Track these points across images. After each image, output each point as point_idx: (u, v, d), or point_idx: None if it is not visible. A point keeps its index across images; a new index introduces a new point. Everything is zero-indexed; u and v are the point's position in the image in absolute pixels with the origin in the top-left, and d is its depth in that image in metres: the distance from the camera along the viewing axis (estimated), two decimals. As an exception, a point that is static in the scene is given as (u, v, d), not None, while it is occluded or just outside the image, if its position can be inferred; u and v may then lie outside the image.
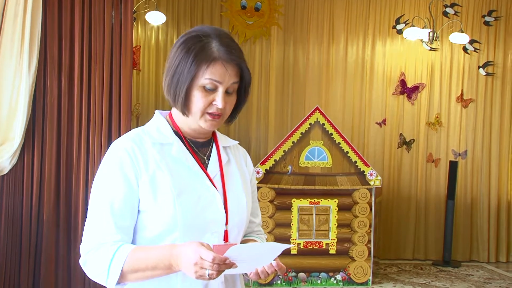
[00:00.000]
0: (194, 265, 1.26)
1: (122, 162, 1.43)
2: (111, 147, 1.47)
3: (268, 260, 1.39)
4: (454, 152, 6.40)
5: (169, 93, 1.46)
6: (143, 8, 5.68)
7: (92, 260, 1.40)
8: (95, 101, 4.06)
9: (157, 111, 1.57)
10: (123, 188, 1.41)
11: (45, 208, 3.91)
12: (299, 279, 4.93)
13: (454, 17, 6.31)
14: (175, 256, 1.31)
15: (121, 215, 1.41)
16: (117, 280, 1.36)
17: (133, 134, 1.50)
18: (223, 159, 1.56)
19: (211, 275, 1.25)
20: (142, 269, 1.35)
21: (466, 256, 6.35)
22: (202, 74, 1.41)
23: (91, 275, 1.42)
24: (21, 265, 3.86)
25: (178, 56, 1.44)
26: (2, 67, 3.74)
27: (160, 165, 1.44)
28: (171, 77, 1.45)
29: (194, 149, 1.53)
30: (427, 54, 6.36)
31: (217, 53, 1.42)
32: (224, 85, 1.43)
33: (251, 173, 1.67)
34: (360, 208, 4.99)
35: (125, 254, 1.35)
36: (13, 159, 3.76)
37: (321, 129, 5.03)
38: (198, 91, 1.43)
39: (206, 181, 1.48)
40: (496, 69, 6.38)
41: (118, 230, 1.40)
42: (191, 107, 1.44)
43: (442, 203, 6.31)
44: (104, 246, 1.39)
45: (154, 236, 1.43)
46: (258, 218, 1.70)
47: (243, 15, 6.33)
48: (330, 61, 6.41)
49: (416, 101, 6.40)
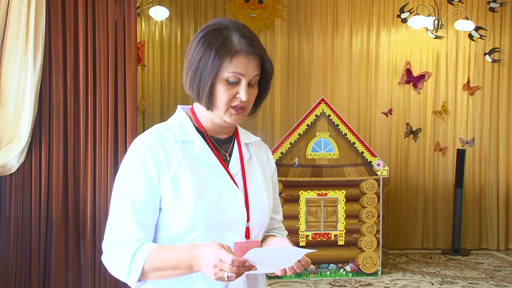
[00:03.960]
0: (213, 267, 1.27)
1: (144, 160, 1.42)
2: (133, 144, 1.47)
3: (289, 263, 1.37)
4: (462, 140, 6.37)
5: (192, 88, 1.45)
6: (147, 3, 5.67)
7: (114, 258, 1.41)
8: (100, 97, 4.06)
9: (179, 107, 1.56)
10: (144, 186, 1.41)
11: (54, 206, 3.92)
12: (308, 270, 4.94)
13: (459, 4, 6.26)
14: (196, 256, 1.32)
15: (143, 212, 1.41)
16: (138, 278, 1.37)
17: (155, 131, 1.49)
18: (245, 156, 1.55)
19: (230, 277, 1.26)
20: (163, 268, 1.36)
21: (475, 244, 6.34)
22: (225, 68, 1.41)
23: (113, 272, 1.43)
24: (31, 264, 3.88)
25: (200, 50, 1.43)
26: (8, 65, 3.75)
27: (182, 163, 1.44)
28: (193, 72, 1.44)
29: (216, 146, 1.52)
30: (432, 43, 6.32)
31: (239, 46, 1.41)
32: (247, 77, 1.42)
33: (273, 170, 1.66)
34: (368, 198, 4.99)
35: (147, 253, 1.36)
36: (21, 157, 3.77)
37: (327, 121, 5.02)
38: (221, 85, 1.42)
39: (228, 179, 1.48)
40: (503, 55, 6.34)
41: (139, 228, 1.41)
42: (216, 101, 1.43)
43: (451, 192, 6.29)
44: (126, 244, 1.39)
45: (175, 234, 1.43)
46: (279, 215, 1.69)
47: (247, 8, 6.31)
48: (335, 52, 6.38)
49: (422, 90, 6.37)
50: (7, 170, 3.72)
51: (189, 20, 6.20)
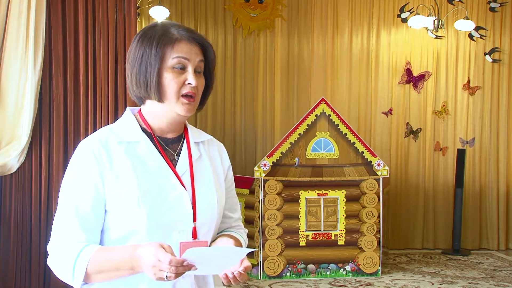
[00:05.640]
0: (152, 268, 1.27)
1: (87, 164, 1.42)
2: (78, 149, 1.47)
3: (232, 263, 1.36)
4: (462, 140, 6.36)
5: (139, 83, 1.46)
6: (147, 3, 5.67)
7: (58, 260, 1.41)
8: (100, 97, 4.06)
9: (128, 108, 1.57)
10: (88, 190, 1.42)
11: (54, 206, 3.92)
12: (308, 271, 4.94)
13: (459, 4, 6.26)
14: (136, 258, 1.32)
15: (86, 216, 1.41)
16: (82, 280, 1.37)
17: (100, 133, 1.49)
18: (194, 155, 1.53)
19: (169, 277, 1.26)
20: (106, 270, 1.36)
21: (475, 244, 6.33)
22: (169, 55, 1.43)
23: (58, 274, 1.43)
24: (31, 264, 3.88)
25: (140, 48, 1.46)
26: (8, 65, 3.75)
27: (125, 164, 1.43)
28: (138, 67, 1.45)
29: (163, 146, 1.51)
30: (432, 42, 6.32)
31: (179, 34, 1.45)
32: (192, 62, 1.45)
33: (227, 168, 1.65)
34: (368, 198, 4.99)
35: (89, 255, 1.36)
36: (21, 157, 3.77)
37: (327, 120, 5.02)
38: (168, 73, 1.44)
39: (173, 180, 1.47)
40: (503, 55, 6.33)
41: (83, 231, 1.41)
42: (165, 91, 1.44)
43: (451, 192, 6.29)
44: (69, 246, 1.39)
45: (121, 236, 1.43)
46: (236, 213, 1.68)
47: (247, 8, 6.31)
48: (335, 51, 6.38)
49: (423, 90, 6.37)
50: (7, 170, 3.73)
51: (189, 20, 6.20)
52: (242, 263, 1.36)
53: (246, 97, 6.35)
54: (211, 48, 1.51)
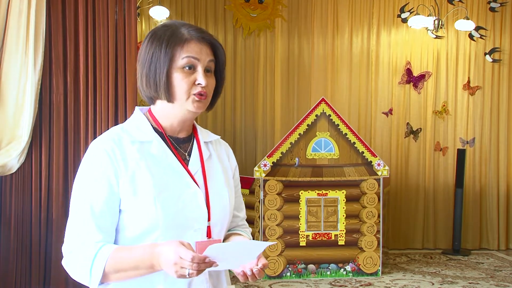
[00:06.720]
0: (174, 265, 1.27)
1: (101, 163, 1.42)
2: (91, 148, 1.46)
3: (251, 257, 1.37)
4: (462, 140, 6.36)
5: (149, 84, 1.46)
6: (147, 3, 5.68)
7: (74, 261, 1.40)
8: (101, 97, 4.06)
9: (137, 108, 1.56)
10: (103, 189, 1.41)
11: (54, 206, 3.92)
12: (309, 271, 4.94)
13: (459, 4, 6.26)
14: (156, 256, 1.31)
15: (102, 215, 1.41)
16: (99, 280, 1.36)
17: (113, 133, 1.48)
18: (205, 154, 1.54)
19: (191, 274, 1.26)
20: (124, 269, 1.36)
21: (475, 244, 6.34)
22: (179, 55, 1.43)
23: (74, 276, 1.42)
24: (31, 264, 3.88)
25: (150, 48, 1.45)
26: (8, 65, 3.75)
27: (139, 164, 1.43)
28: (148, 67, 1.45)
29: (175, 146, 1.51)
30: (432, 42, 6.32)
31: (189, 34, 1.45)
32: (202, 62, 1.45)
33: (234, 168, 1.66)
34: (368, 198, 4.99)
35: (107, 255, 1.35)
36: (21, 157, 3.77)
37: (328, 121, 5.02)
38: (178, 73, 1.43)
39: (187, 178, 1.47)
40: (503, 55, 6.34)
41: (99, 231, 1.40)
42: (175, 91, 1.44)
43: (451, 192, 6.29)
44: (86, 246, 1.39)
45: (136, 235, 1.43)
46: (242, 212, 1.69)
47: (247, 8, 6.31)
48: (335, 51, 6.38)
49: (423, 90, 6.37)
50: (7, 170, 3.73)
51: (189, 20, 6.19)
52: (259, 260, 1.37)
53: (246, 97, 6.36)
54: (222, 48, 1.50)
